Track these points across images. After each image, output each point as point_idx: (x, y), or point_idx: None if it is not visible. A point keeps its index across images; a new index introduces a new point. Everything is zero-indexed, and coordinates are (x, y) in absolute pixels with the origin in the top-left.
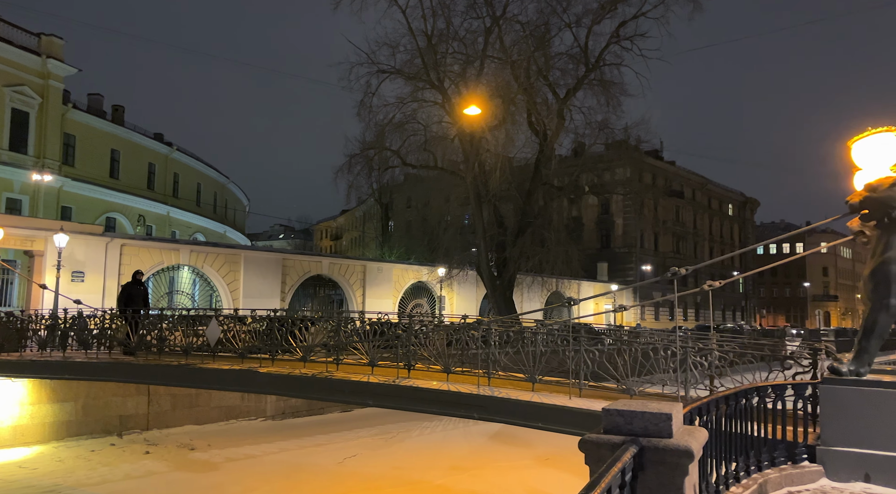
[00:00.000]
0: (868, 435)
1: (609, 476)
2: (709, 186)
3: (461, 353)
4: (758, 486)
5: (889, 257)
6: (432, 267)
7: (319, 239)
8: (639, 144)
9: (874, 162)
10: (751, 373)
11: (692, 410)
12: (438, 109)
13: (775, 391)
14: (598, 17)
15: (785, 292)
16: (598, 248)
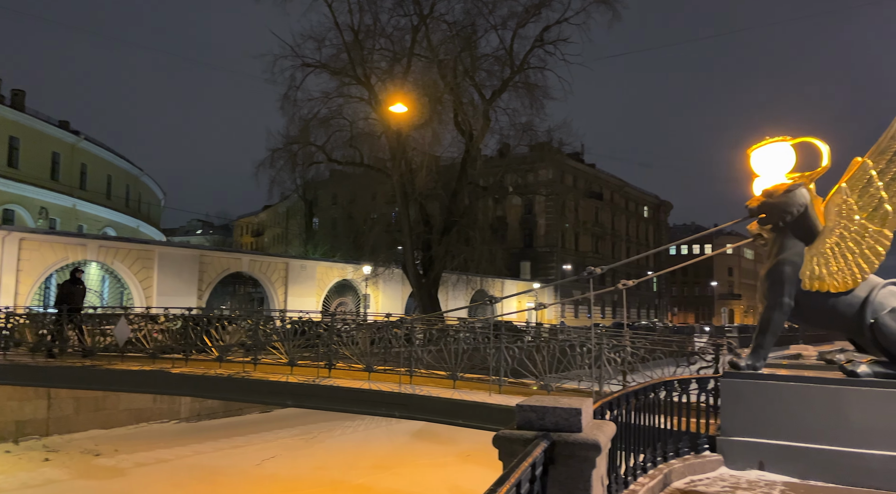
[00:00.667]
0: (762, 426)
1: (519, 470)
2: (626, 188)
3: (384, 352)
4: (663, 476)
5: (783, 259)
6: (357, 265)
7: (240, 235)
8: (561, 146)
9: (771, 169)
10: (660, 368)
11: (603, 404)
12: (365, 106)
13: (681, 386)
14: (523, 21)
15: (694, 291)
16: (522, 247)
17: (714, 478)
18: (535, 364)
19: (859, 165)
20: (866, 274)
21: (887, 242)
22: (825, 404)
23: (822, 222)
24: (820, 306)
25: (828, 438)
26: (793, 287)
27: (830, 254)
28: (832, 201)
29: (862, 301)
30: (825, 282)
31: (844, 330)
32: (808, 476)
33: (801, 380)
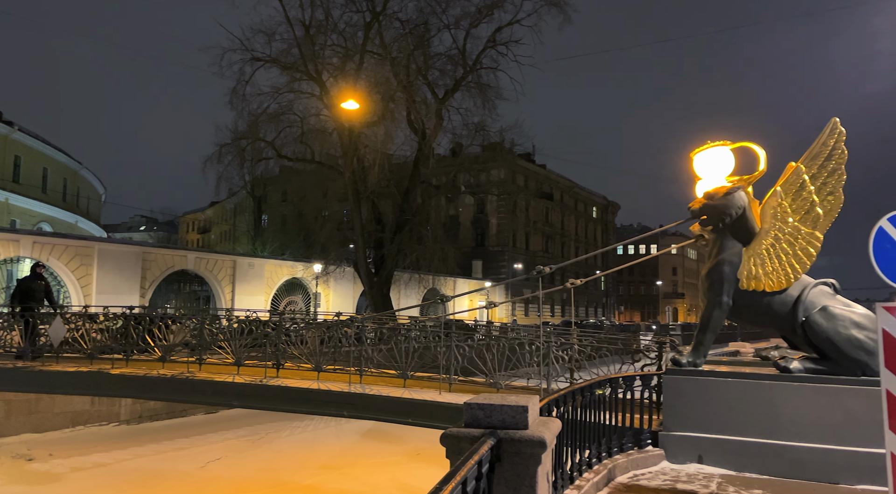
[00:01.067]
0: (702, 421)
1: (465, 468)
2: (576, 189)
3: (334, 351)
4: (607, 471)
5: (722, 259)
6: (308, 263)
7: (186, 232)
8: (513, 147)
9: (712, 172)
10: (606, 366)
11: (550, 402)
12: (316, 102)
13: (625, 382)
14: (476, 21)
15: (640, 289)
16: (474, 246)
17: (656, 472)
18: (485, 362)
19: (793, 169)
20: (799, 274)
21: (818, 243)
22: (760, 399)
23: (759, 224)
24: (756, 305)
25: (763, 432)
26: (731, 287)
27: (766, 255)
28: (768, 204)
29: (794, 300)
30: (761, 282)
31: (779, 328)
32: (744, 469)
33: (737, 376)
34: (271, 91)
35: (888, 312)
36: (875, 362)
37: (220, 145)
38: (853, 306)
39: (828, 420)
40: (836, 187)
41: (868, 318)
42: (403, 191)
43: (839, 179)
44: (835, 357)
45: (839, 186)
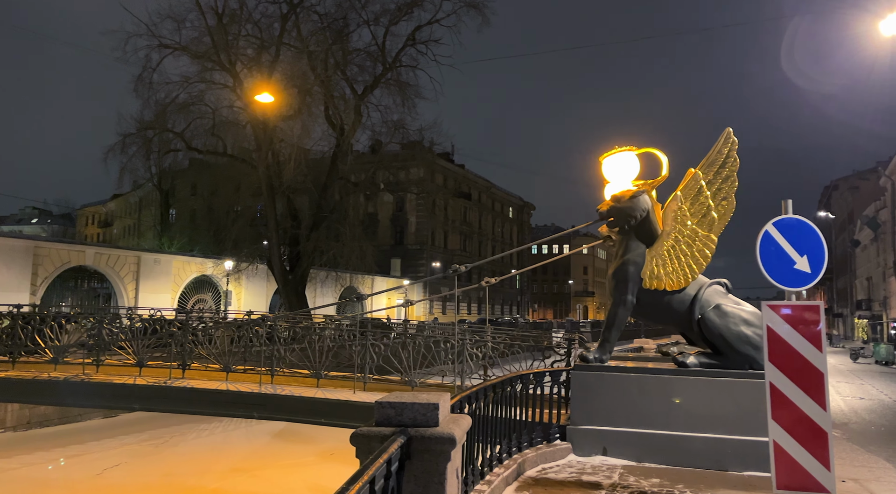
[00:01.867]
0: (607, 414)
1: (374, 467)
2: (493, 189)
3: (244, 351)
4: (517, 466)
5: (627, 260)
6: (219, 260)
7: (84, 226)
8: (432, 146)
9: (619, 176)
10: (519, 362)
11: (462, 398)
12: (230, 93)
13: (536, 379)
14: (396, 19)
15: (553, 288)
16: (393, 244)
17: (563, 465)
18: (401, 361)
19: (692, 175)
20: (696, 274)
21: (713, 245)
22: (659, 392)
23: (661, 227)
24: (658, 303)
25: (661, 423)
26: (635, 286)
27: (667, 256)
28: (669, 208)
29: (692, 299)
30: (662, 281)
31: (678, 325)
32: (645, 459)
33: (639, 371)
34: (181, 80)
35: (772, 310)
36: (761, 356)
37: (124, 135)
38: (743, 304)
39: (719, 412)
40: (730, 193)
41: (756, 315)
42: (321, 187)
43: (732, 185)
44: (726, 352)
45: (732, 191)
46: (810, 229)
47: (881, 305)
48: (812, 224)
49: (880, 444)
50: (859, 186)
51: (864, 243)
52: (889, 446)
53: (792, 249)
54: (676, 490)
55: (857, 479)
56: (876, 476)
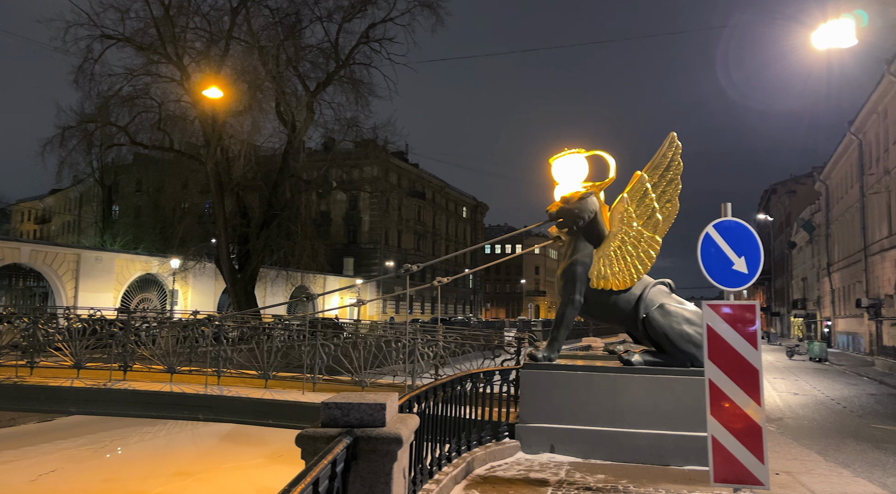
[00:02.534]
0: (554, 412)
1: (318, 468)
2: (447, 189)
3: (190, 351)
4: (466, 464)
5: (575, 260)
6: (164, 258)
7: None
8: (386, 144)
9: (568, 178)
10: (470, 361)
11: (411, 398)
12: (177, 87)
13: (486, 377)
14: (349, 16)
15: (506, 287)
16: (346, 243)
17: (511, 463)
18: (352, 361)
19: (638, 178)
20: (641, 274)
21: (658, 246)
22: (605, 390)
23: (609, 228)
24: (605, 303)
25: (607, 421)
26: (583, 285)
27: (614, 256)
28: (616, 209)
29: (637, 298)
30: (609, 281)
31: (624, 324)
32: (591, 456)
33: (586, 369)
34: (125, 72)
35: (712, 309)
36: (702, 354)
37: (63, 128)
38: (685, 304)
39: (661, 408)
40: (674, 196)
41: (697, 314)
42: (271, 184)
43: (676, 188)
44: (669, 351)
45: (676, 194)
46: (748, 231)
47: (815, 304)
48: (749, 227)
49: (812, 438)
50: (796, 190)
51: (800, 245)
52: (820, 439)
53: (731, 250)
54: (620, 486)
55: (790, 471)
56: (807, 468)
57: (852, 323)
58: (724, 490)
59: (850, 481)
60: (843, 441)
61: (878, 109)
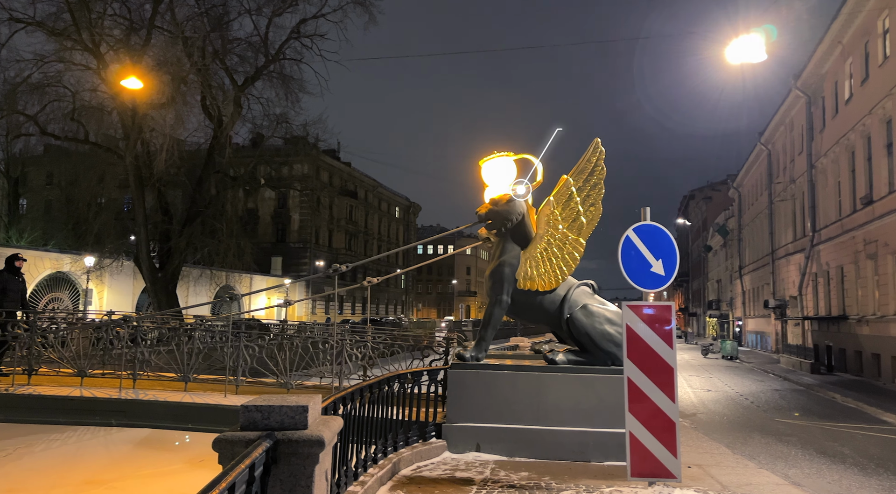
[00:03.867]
0: (481, 411)
1: (234, 473)
2: (380, 188)
3: (104, 354)
4: (392, 465)
5: (503, 261)
6: (78, 255)
7: None
8: (317, 142)
9: (497, 180)
10: (398, 362)
11: (336, 400)
12: (93, 76)
13: (414, 378)
14: (279, 10)
15: (437, 288)
16: (274, 242)
17: (438, 463)
18: (277, 363)
19: (564, 182)
20: (566, 276)
21: (582, 249)
22: (530, 389)
23: (535, 230)
24: (531, 303)
25: (532, 419)
26: (510, 286)
27: (540, 258)
28: (542, 212)
29: (561, 299)
30: (535, 282)
31: (549, 324)
32: (516, 454)
33: (512, 368)
34: (35, 58)
35: (631, 309)
36: (622, 353)
37: None
38: (607, 304)
39: (583, 406)
40: (597, 200)
41: (618, 315)
42: (196, 180)
43: (599, 192)
44: (591, 350)
45: (599, 198)
46: (665, 235)
47: (728, 305)
48: (666, 231)
49: (723, 432)
50: (712, 196)
51: (715, 249)
52: (730, 433)
53: (649, 253)
54: (543, 483)
55: (701, 464)
56: (717, 461)
57: (761, 323)
58: (640, 484)
59: (756, 472)
60: (750, 435)
61: (786, 121)
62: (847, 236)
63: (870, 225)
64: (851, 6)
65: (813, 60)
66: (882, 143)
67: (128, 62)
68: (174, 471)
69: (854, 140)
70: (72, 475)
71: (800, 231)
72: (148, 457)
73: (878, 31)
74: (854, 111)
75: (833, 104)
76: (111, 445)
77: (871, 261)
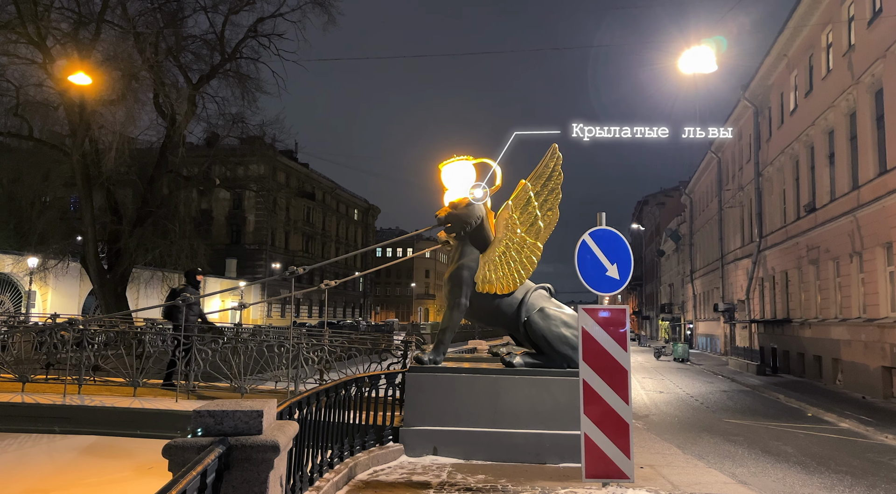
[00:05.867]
0: (439, 414)
1: (185, 480)
2: (338, 191)
3: (47, 358)
4: (348, 470)
5: (462, 264)
6: (20, 256)
7: None
8: (274, 142)
9: (457, 184)
10: (356, 366)
11: (291, 404)
12: (38, 70)
13: (371, 381)
14: (236, 8)
15: (396, 291)
16: (229, 243)
17: (395, 466)
18: (231, 367)
19: (522, 186)
20: (524, 279)
21: (539, 252)
22: (487, 392)
23: (494, 234)
24: (489, 306)
25: (488, 421)
26: (469, 289)
27: (498, 261)
28: (501, 216)
29: (519, 302)
30: (493, 285)
31: (507, 327)
32: (473, 457)
33: (469, 371)
34: None
35: (587, 313)
36: (577, 355)
37: None
38: (564, 308)
39: (539, 408)
40: (554, 204)
41: (574, 318)
42: (147, 180)
43: (557, 197)
44: (548, 353)
45: (556, 203)
46: (620, 239)
47: (680, 308)
48: (621, 235)
49: (674, 433)
50: (665, 202)
51: (668, 253)
52: (680, 434)
53: (604, 257)
54: (499, 485)
55: (653, 465)
56: (668, 461)
57: (711, 326)
58: (595, 485)
59: (705, 472)
60: (700, 435)
61: (735, 130)
62: (791, 242)
63: (812, 232)
64: (797, 20)
65: (760, 72)
66: (824, 153)
67: (76, 57)
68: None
69: (798, 150)
70: (10, 484)
71: (748, 237)
72: (93, 465)
73: (822, 45)
74: (798, 122)
75: (779, 115)
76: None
77: (813, 266)
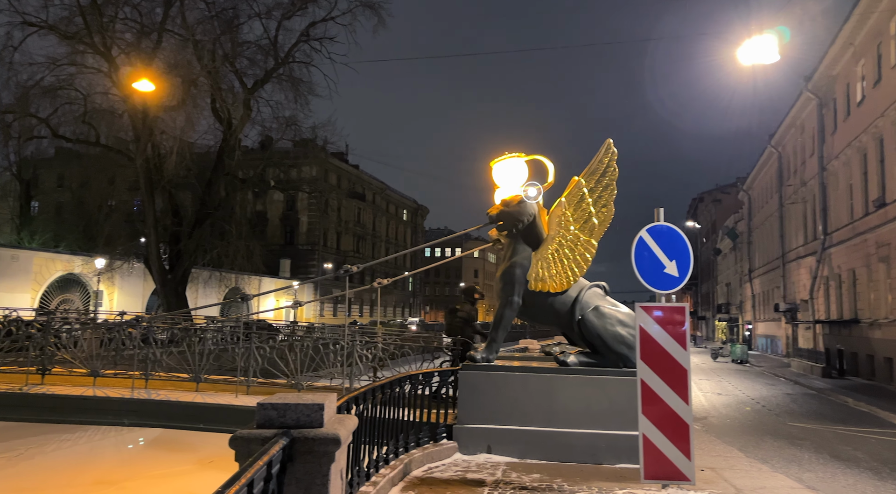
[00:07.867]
0: (491, 413)
1: (252, 469)
2: (387, 191)
3: (115, 354)
4: (403, 466)
5: (514, 262)
6: (89, 257)
7: None
8: (325, 144)
9: (508, 181)
10: (409, 364)
11: (349, 400)
12: (104, 79)
13: (424, 379)
14: (289, 13)
15: (445, 290)
16: (282, 244)
17: (449, 464)
18: (288, 363)
19: (575, 183)
20: (577, 277)
21: (593, 250)
22: (541, 390)
23: (547, 231)
24: (542, 305)
25: (543, 420)
26: (521, 288)
27: (551, 259)
28: (554, 213)
29: (573, 301)
30: (546, 283)
31: (560, 326)
32: (527, 455)
33: (523, 370)
34: (47, 61)
35: (645, 311)
36: (634, 355)
37: None
38: (619, 306)
39: (595, 408)
40: (609, 201)
41: (630, 316)
42: (205, 183)
43: (611, 193)
44: (603, 352)
45: (611, 199)
46: (679, 235)
47: (738, 308)
48: (680, 231)
49: (735, 436)
50: (722, 199)
51: (724, 252)
52: (741, 437)
53: (663, 254)
54: (555, 484)
55: (714, 467)
56: (730, 464)
57: (771, 327)
58: (654, 487)
59: (770, 476)
60: (762, 439)
61: (797, 123)
62: (859, 239)
63: (882, 228)
64: (863, 7)
65: (824, 62)
66: (895, 145)
67: (139, 65)
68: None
69: (866, 142)
70: (83, 475)
71: (811, 234)
72: (158, 457)
73: (891, 33)
74: (866, 113)
75: (845, 106)
76: (122, 445)
77: (883, 264)
